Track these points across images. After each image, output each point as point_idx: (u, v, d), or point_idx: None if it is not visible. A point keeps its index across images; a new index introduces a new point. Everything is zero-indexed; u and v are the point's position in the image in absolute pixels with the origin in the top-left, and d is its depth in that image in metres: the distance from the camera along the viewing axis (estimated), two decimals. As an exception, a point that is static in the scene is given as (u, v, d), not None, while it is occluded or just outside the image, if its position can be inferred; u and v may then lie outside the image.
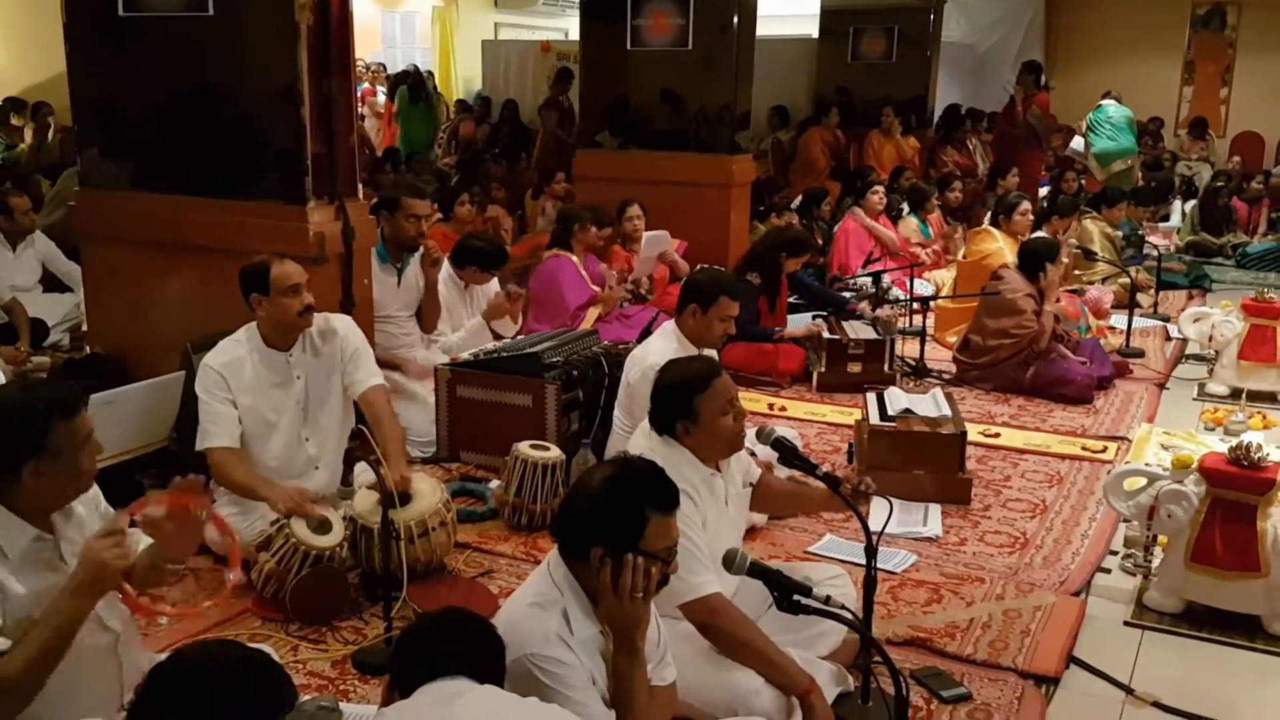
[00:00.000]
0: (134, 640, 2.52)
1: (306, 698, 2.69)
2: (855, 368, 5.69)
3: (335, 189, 4.24)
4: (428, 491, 3.53)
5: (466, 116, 12.50)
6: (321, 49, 4.14)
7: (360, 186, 4.55)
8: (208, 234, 4.29)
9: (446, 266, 5.26)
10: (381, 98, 13.21)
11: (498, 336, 5.26)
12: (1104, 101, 10.69)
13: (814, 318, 6.24)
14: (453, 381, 4.61)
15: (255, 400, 3.51)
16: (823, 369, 5.72)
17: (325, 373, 3.64)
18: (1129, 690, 3.02)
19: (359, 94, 12.70)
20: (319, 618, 3.26)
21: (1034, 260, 5.74)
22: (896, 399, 4.57)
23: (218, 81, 4.29)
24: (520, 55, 13.52)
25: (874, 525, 2.80)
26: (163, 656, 1.89)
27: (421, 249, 4.90)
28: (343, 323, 3.74)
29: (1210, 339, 5.76)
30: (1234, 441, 3.41)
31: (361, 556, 3.41)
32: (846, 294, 6.92)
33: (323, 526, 3.33)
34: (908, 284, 7.04)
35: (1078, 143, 11.18)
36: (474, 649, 1.97)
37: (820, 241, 8.02)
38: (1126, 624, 3.39)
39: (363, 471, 3.58)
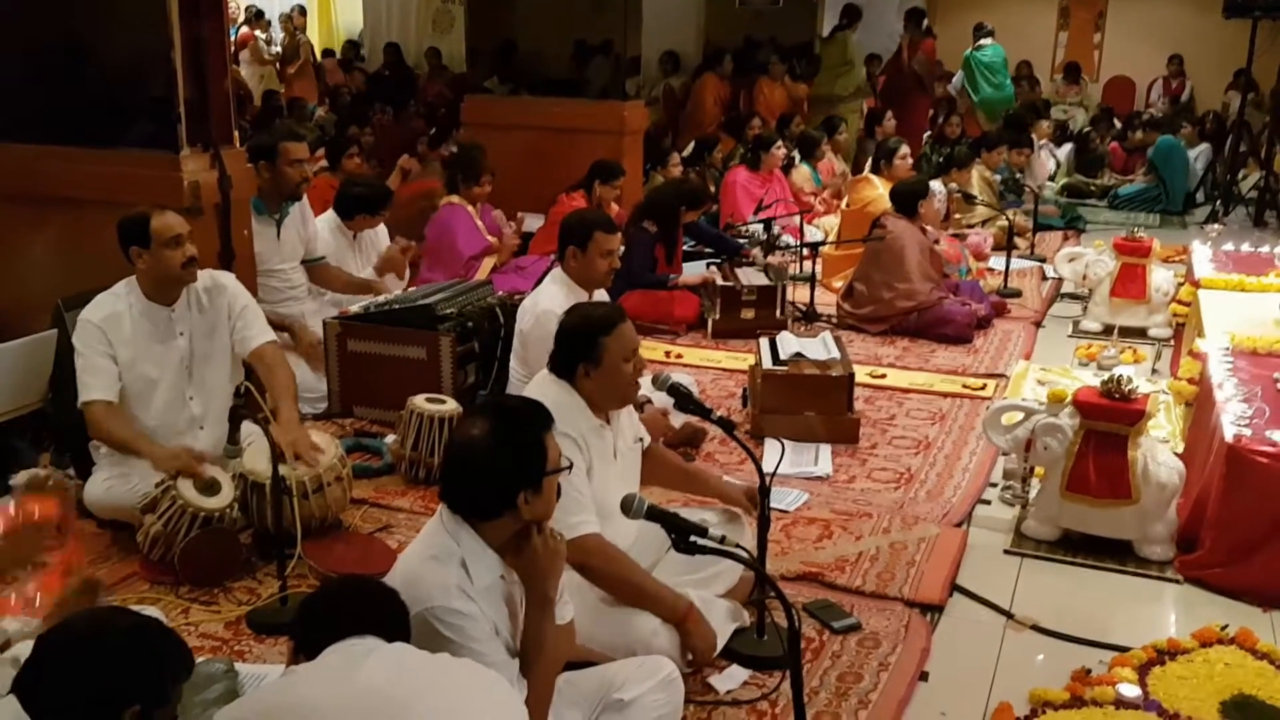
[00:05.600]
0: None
1: (200, 660, 2.65)
2: (748, 314, 5.77)
3: (210, 136, 4.09)
4: (322, 447, 3.47)
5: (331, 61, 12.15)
6: (192, -10, 3.97)
7: (236, 134, 4.39)
8: (76, 185, 4.10)
9: (334, 217, 5.15)
10: (263, 43, 12.72)
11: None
12: (983, 42, 10.84)
13: (708, 265, 6.29)
14: (343, 335, 4.51)
15: (135, 356, 3.38)
16: (717, 316, 5.79)
17: (211, 329, 3.52)
18: (1009, 615, 3.17)
19: (235, 38, 12.26)
20: (210, 579, 3.19)
21: (908, 200, 5.94)
22: (788, 343, 4.66)
23: (84, 24, 4.08)
24: (404, -3, 13.18)
25: (767, 467, 2.87)
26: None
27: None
28: (230, 279, 3.63)
29: (1084, 278, 5.99)
30: (1106, 375, 3.57)
31: (253, 515, 3.34)
32: (739, 241, 6.99)
33: (210, 487, 3.24)
34: (799, 230, 7.14)
35: (956, 79, 11.41)
36: (380, 610, 1.95)
37: (713, 189, 8.06)
38: (1006, 552, 3.55)
39: (251, 431, 3.50)
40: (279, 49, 12.92)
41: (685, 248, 6.41)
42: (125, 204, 3.45)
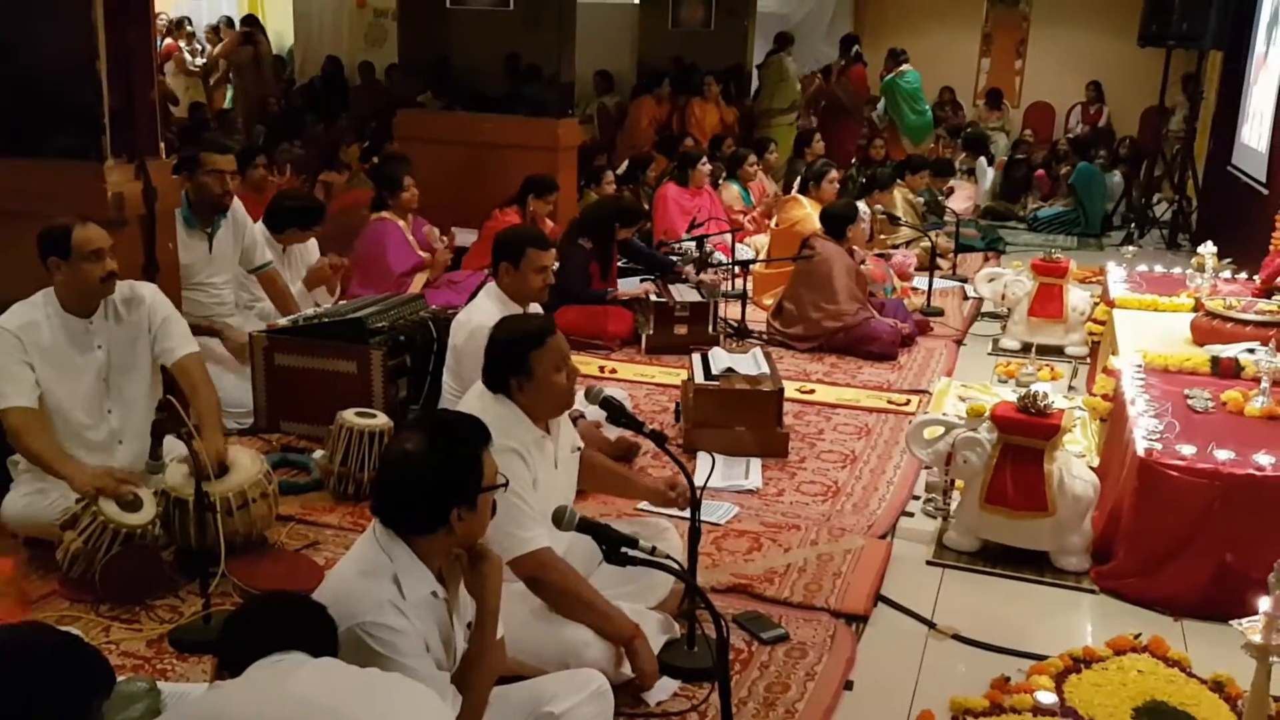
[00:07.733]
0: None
1: (121, 678, 2.60)
2: (681, 330, 5.84)
3: (135, 147, 4.02)
4: (246, 462, 3.42)
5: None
6: (119, -2, 3.91)
7: (163, 145, 4.33)
8: (-4, 194, 4.00)
9: (264, 230, 5.08)
10: (187, 55, 12.51)
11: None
12: (904, 68, 11.07)
13: (642, 281, 6.35)
14: (270, 349, 4.45)
15: (52, 367, 3.32)
16: (651, 331, 5.85)
17: (129, 341, 3.46)
18: (931, 624, 3.25)
19: (162, 48, 12.03)
20: (131, 597, 3.13)
21: (837, 223, 6.10)
22: (719, 359, 4.72)
23: (7, 31, 3.97)
24: (335, 10, 13.07)
25: (699, 480, 2.91)
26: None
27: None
28: (149, 290, 3.57)
29: (1003, 297, 6.16)
30: (1024, 391, 3.68)
31: (176, 532, 3.28)
32: (672, 258, 7.05)
33: (132, 504, 3.18)
34: (730, 248, 7.22)
35: (880, 105, 11.66)
36: (306, 625, 1.93)
37: (647, 207, 8.12)
38: (928, 563, 3.63)
39: (174, 446, 3.44)
40: (204, 60, 12.73)
41: (619, 264, 6.46)
42: (46, 215, 3.38)
